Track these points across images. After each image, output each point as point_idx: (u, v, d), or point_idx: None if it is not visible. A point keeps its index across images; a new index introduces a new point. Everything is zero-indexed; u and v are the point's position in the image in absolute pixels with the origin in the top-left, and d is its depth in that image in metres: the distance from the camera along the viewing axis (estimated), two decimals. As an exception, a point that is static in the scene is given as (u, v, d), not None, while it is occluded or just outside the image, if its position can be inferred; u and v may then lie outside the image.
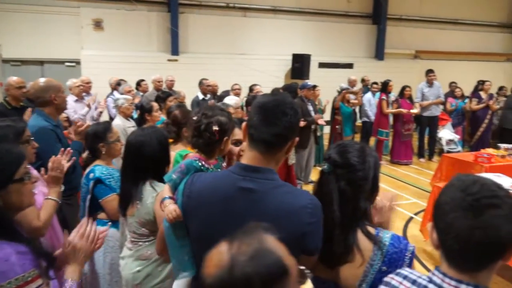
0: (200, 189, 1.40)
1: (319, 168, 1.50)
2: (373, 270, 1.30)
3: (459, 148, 8.43)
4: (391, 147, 8.25)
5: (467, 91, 9.20)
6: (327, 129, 7.84)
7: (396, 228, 1.47)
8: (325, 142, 7.92)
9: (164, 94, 5.07)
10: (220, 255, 0.80)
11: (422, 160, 8.32)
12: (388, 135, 8.12)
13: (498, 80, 11.14)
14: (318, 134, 6.59)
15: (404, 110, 7.73)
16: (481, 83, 8.70)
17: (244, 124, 1.39)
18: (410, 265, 1.30)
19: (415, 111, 7.95)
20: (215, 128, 1.82)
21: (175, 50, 10.14)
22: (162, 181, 2.00)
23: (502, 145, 5.78)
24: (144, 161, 2.14)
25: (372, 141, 8.67)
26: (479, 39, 13.32)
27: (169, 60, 10.05)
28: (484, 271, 0.99)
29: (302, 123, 5.35)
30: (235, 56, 10.57)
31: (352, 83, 8.93)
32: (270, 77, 10.38)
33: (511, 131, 8.11)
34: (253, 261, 0.76)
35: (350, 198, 1.34)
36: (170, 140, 2.58)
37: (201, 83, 6.82)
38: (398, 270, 1.16)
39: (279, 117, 1.29)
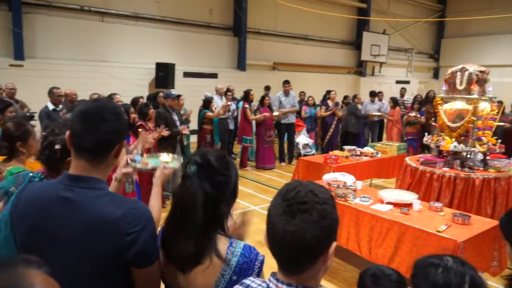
0: (27, 198, 1.35)
1: None
2: (224, 280, 1.31)
3: (314, 151, 9.35)
4: (256, 153, 8.68)
5: (318, 100, 10.30)
6: (193, 138, 7.86)
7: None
8: (193, 151, 7.93)
9: (2, 104, 4.42)
10: None
11: (283, 164, 8.97)
12: (252, 141, 8.54)
13: (342, 90, 12.76)
14: (185, 143, 6.56)
15: (267, 114, 8.22)
16: (328, 92, 9.83)
17: (67, 133, 1.34)
18: (259, 274, 1.33)
19: (276, 113, 8.54)
20: (57, 147, 1.83)
21: (19, 54, 8.95)
22: None
23: (346, 147, 6.62)
24: None
25: (238, 148, 9.02)
26: (326, 54, 15.07)
27: (11, 65, 8.81)
28: (306, 273, 1.01)
29: (166, 133, 5.28)
30: (94, 63, 9.86)
31: (219, 91, 9.13)
32: (133, 86, 9.98)
33: (353, 134, 9.37)
34: None
35: (212, 201, 1.34)
36: (1, 158, 2.26)
37: (51, 92, 6.14)
38: (243, 280, 1.18)
39: (99, 123, 1.29)
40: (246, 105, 8.30)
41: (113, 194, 1.35)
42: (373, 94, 10.00)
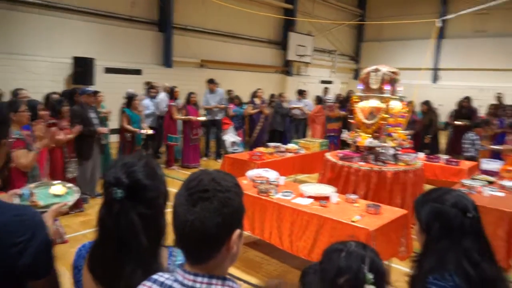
0: None
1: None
2: None
3: (241, 149, 9.38)
4: (182, 152, 8.51)
5: (246, 98, 10.37)
6: (115, 137, 7.48)
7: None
8: (114, 151, 7.55)
9: None
10: None
11: (205, 158, 8.97)
12: (178, 140, 8.35)
13: (270, 89, 13.00)
14: (103, 142, 6.21)
15: (193, 118, 8.10)
16: (256, 91, 9.96)
17: None
18: None
19: (203, 118, 8.46)
20: None
21: None
22: None
23: (271, 144, 6.73)
24: None
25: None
26: (254, 52, 15.24)
27: None
28: (211, 261, 1.00)
29: (76, 129, 5.02)
30: (2, 55, 8.94)
31: (166, 89, 8.72)
32: (47, 81, 9.24)
33: (279, 132, 9.59)
34: None
35: (151, 220, 1.21)
36: None
37: None
38: (151, 276, 1.11)
39: None
40: (172, 103, 8.10)
41: None
42: (300, 93, 10.50)
